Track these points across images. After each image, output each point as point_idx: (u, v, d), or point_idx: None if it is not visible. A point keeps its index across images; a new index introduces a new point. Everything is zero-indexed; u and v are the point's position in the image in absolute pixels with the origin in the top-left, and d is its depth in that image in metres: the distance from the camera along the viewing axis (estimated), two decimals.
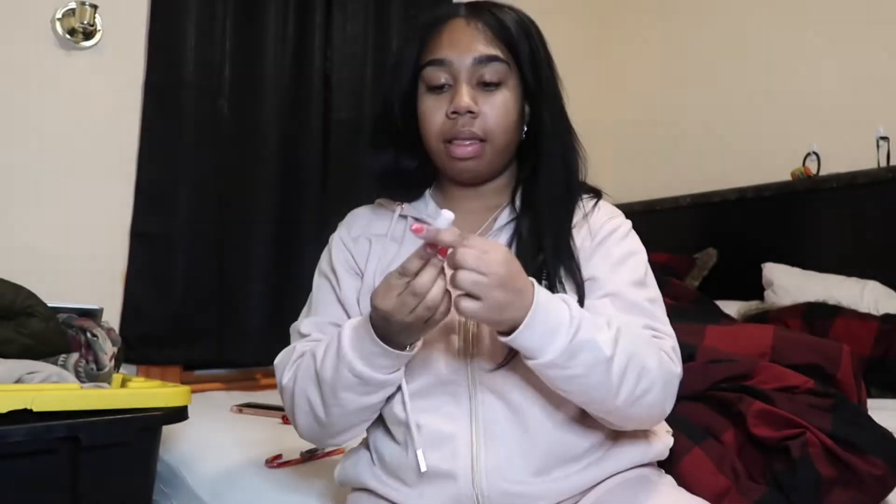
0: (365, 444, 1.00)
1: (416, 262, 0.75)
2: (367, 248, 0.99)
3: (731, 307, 2.20)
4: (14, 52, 1.98)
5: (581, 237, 0.94)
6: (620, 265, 0.92)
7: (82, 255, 2.06)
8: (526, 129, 0.96)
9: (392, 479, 0.92)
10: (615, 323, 0.81)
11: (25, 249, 1.95)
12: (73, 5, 2.04)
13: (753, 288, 2.41)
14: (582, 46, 3.25)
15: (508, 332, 0.76)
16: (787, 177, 2.55)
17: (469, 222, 0.96)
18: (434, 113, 0.92)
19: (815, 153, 2.53)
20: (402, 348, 0.81)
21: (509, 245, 0.92)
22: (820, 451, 1.02)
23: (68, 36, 2.05)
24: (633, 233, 0.98)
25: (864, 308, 2.02)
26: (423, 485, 0.88)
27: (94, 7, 2.06)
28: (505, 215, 0.96)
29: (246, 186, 2.31)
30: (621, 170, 3.07)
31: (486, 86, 0.91)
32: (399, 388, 0.89)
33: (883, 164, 2.34)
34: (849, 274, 2.22)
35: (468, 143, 0.90)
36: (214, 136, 2.26)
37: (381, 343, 0.80)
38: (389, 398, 0.90)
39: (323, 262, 1.05)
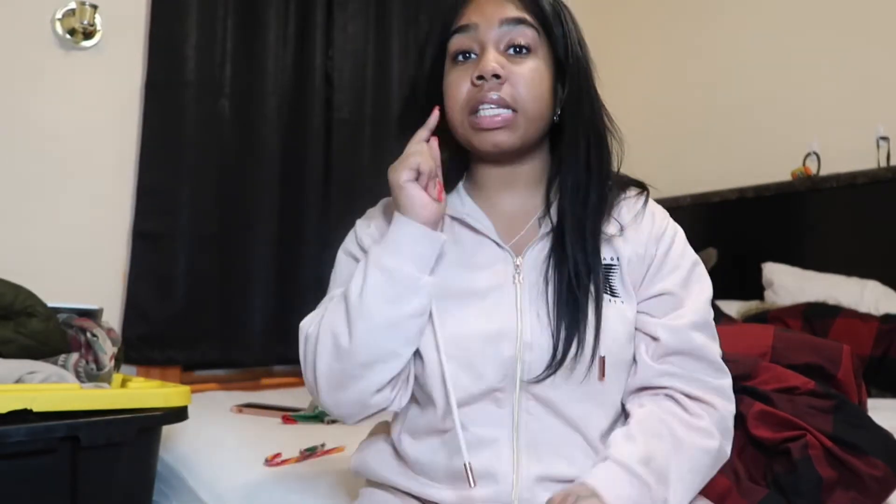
0: (385, 437, 0.97)
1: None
2: None
3: (731, 307, 2.20)
4: (14, 52, 1.98)
5: (644, 242, 0.89)
6: (691, 275, 0.90)
7: (82, 255, 2.06)
8: (560, 112, 0.89)
9: (421, 476, 0.89)
10: (687, 462, 0.82)
11: (25, 249, 1.95)
12: (73, 5, 2.04)
13: (753, 288, 2.41)
14: None
15: None
16: (787, 177, 2.55)
17: (512, 226, 0.92)
18: (459, 83, 0.87)
19: (815, 153, 2.53)
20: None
21: (549, 255, 0.88)
22: (820, 453, 1.02)
23: (68, 36, 2.05)
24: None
25: (864, 308, 2.01)
26: (459, 485, 0.85)
27: (94, 7, 2.06)
28: (547, 223, 0.91)
29: (247, 186, 2.31)
30: (621, 170, 3.06)
31: (516, 52, 0.86)
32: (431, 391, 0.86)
33: (883, 164, 2.34)
34: (849, 274, 2.22)
35: (496, 113, 0.84)
36: (215, 136, 2.26)
37: (402, 215, 0.83)
38: (427, 406, 0.88)
39: (348, 242, 0.98)
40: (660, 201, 0.98)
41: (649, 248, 0.89)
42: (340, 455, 1.37)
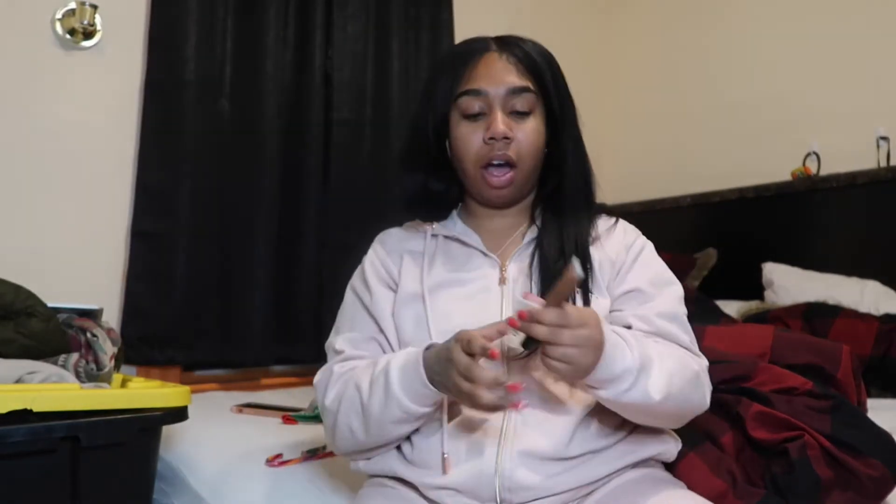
0: None
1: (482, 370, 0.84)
2: (400, 263, 1.07)
3: (731, 307, 2.20)
4: (14, 52, 1.98)
5: (615, 250, 1.03)
6: (660, 277, 1.02)
7: (82, 255, 2.06)
8: (548, 152, 1.05)
9: (419, 463, 0.96)
10: (670, 360, 0.90)
11: (25, 249, 1.95)
12: (73, 5, 2.04)
13: (753, 288, 2.41)
14: (582, 46, 3.25)
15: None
16: (787, 177, 2.56)
17: (499, 239, 1.06)
18: (471, 139, 1.01)
19: (815, 153, 2.53)
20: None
21: (532, 255, 1.02)
22: (818, 454, 1.02)
23: (68, 36, 2.05)
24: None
25: (864, 308, 2.02)
26: (449, 469, 0.93)
27: (94, 7, 2.06)
28: (532, 232, 1.06)
29: (246, 186, 2.30)
30: (621, 170, 3.07)
31: (519, 114, 1.01)
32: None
33: (883, 164, 2.34)
34: (849, 274, 2.22)
35: (503, 171, 1.00)
36: (215, 136, 2.25)
37: (432, 387, 0.88)
38: None
39: (356, 280, 1.11)
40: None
41: (620, 255, 1.03)
42: (341, 457, 1.37)
